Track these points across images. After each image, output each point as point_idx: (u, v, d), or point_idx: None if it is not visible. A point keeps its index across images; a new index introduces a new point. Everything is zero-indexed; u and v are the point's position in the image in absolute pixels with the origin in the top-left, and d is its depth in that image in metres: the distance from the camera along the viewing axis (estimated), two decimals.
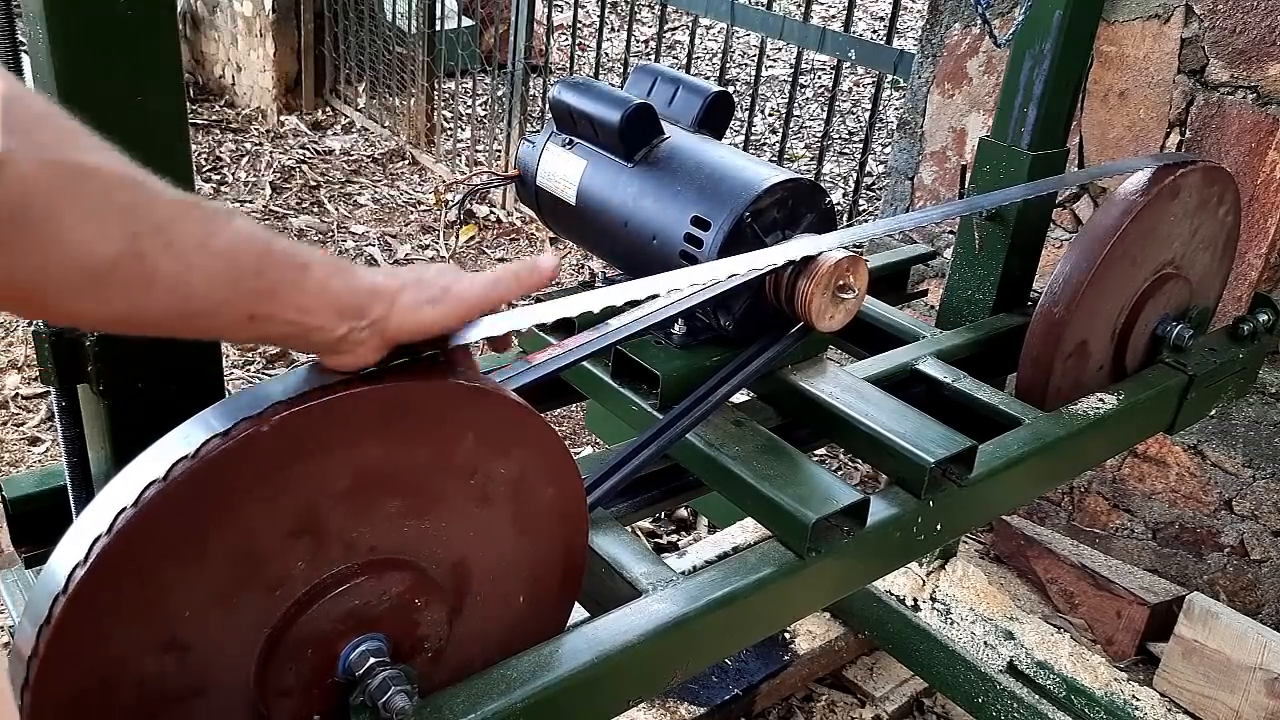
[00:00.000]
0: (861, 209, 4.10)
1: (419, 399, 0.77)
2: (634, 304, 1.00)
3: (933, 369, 1.42)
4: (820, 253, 1.13)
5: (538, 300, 0.98)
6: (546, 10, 4.17)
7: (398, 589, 0.81)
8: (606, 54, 5.81)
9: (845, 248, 1.15)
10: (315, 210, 4.23)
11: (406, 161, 4.80)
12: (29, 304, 0.63)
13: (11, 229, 0.57)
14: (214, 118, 5.08)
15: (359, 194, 4.43)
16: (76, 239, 0.60)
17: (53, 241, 0.59)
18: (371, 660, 0.80)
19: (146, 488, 0.67)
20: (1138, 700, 2.03)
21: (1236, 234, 1.67)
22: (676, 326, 1.21)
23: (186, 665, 0.73)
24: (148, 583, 0.69)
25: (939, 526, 1.20)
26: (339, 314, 0.71)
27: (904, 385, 1.40)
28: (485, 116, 4.83)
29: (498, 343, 0.87)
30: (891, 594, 2.23)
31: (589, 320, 1.01)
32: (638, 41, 6.44)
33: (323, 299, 0.70)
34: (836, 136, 5.39)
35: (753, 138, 4.33)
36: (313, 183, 4.46)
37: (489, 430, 0.82)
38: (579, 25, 4.58)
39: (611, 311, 0.98)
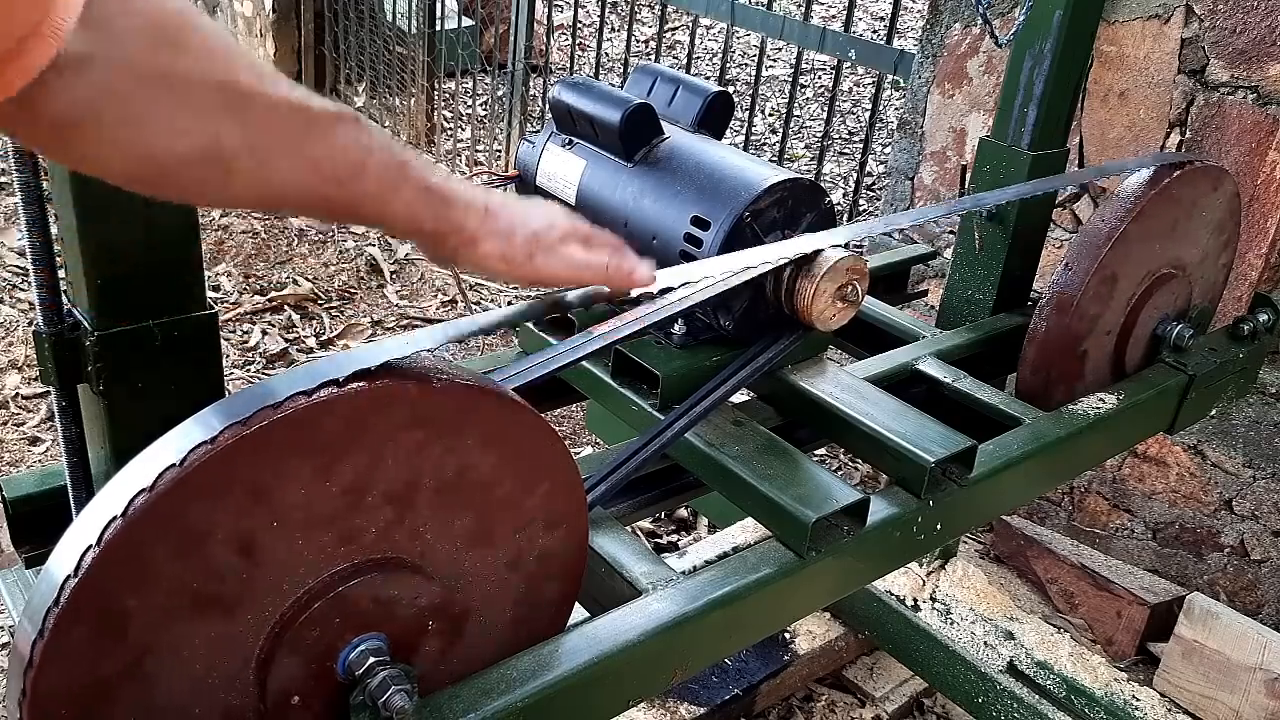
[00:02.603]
0: (861, 209, 4.10)
1: (417, 398, 0.77)
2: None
3: (933, 369, 1.42)
4: (820, 252, 1.13)
5: None
6: (546, 10, 4.17)
7: (398, 589, 0.81)
8: (606, 54, 5.81)
9: (845, 247, 1.15)
10: None
11: None
12: (123, 183, 0.68)
13: (85, 126, 0.61)
14: None
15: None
16: (149, 138, 0.64)
17: (124, 137, 0.63)
18: (371, 660, 0.80)
19: (137, 495, 0.67)
20: (1138, 700, 2.03)
21: (1236, 234, 1.67)
22: (676, 326, 1.21)
23: (184, 669, 0.73)
24: (140, 590, 0.69)
25: (939, 526, 1.20)
26: (417, 234, 0.78)
27: (904, 385, 1.40)
28: (485, 116, 4.83)
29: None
30: (891, 594, 2.23)
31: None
32: (638, 41, 6.44)
33: (403, 219, 0.76)
34: (836, 136, 5.39)
35: (753, 138, 4.33)
36: None
37: (489, 430, 0.82)
38: (579, 25, 4.58)
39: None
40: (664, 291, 1.02)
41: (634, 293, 0.96)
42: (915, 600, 2.23)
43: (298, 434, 0.72)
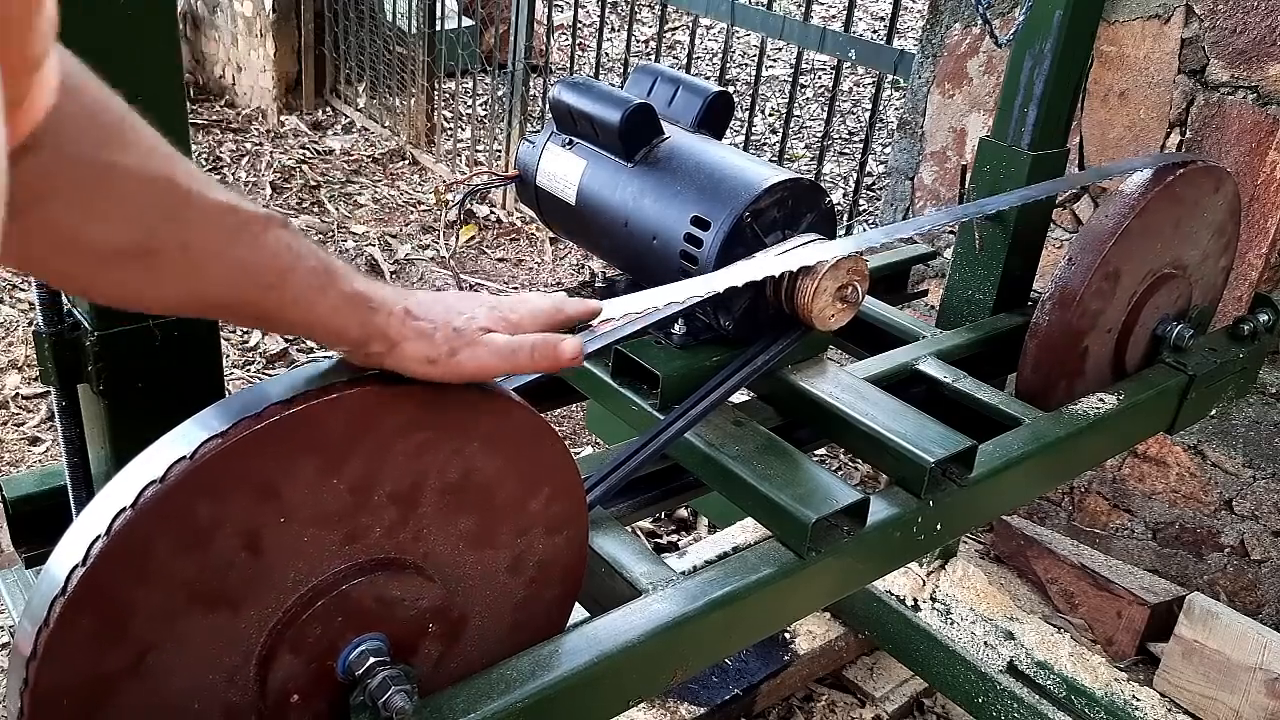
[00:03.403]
0: (862, 209, 4.10)
1: (417, 399, 0.77)
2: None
3: (933, 369, 1.42)
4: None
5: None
6: (546, 10, 4.17)
7: (399, 589, 0.81)
8: (606, 54, 5.81)
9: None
10: (315, 210, 4.23)
11: (406, 161, 4.80)
12: (44, 275, 0.70)
13: (29, 213, 0.61)
14: (214, 118, 5.08)
15: (359, 194, 4.43)
16: (89, 232, 0.64)
17: (58, 226, 0.63)
18: (371, 660, 0.80)
19: (147, 486, 0.67)
20: (1138, 700, 2.03)
21: (1236, 234, 1.67)
22: (676, 326, 1.21)
23: (186, 665, 0.73)
24: (146, 582, 0.69)
25: (939, 526, 1.20)
26: (340, 340, 0.77)
27: (904, 385, 1.40)
28: (485, 116, 4.83)
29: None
30: (891, 594, 2.23)
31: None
32: (638, 41, 6.44)
33: (327, 325, 0.75)
34: (836, 136, 5.39)
35: (753, 138, 4.33)
36: (313, 183, 4.46)
37: (489, 430, 0.82)
38: (579, 25, 4.58)
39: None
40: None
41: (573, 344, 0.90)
42: (915, 600, 2.23)
43: (309, 430, 0.72)
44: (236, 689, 0.76)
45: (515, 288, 3.83)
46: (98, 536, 0.67)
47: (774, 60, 6.36)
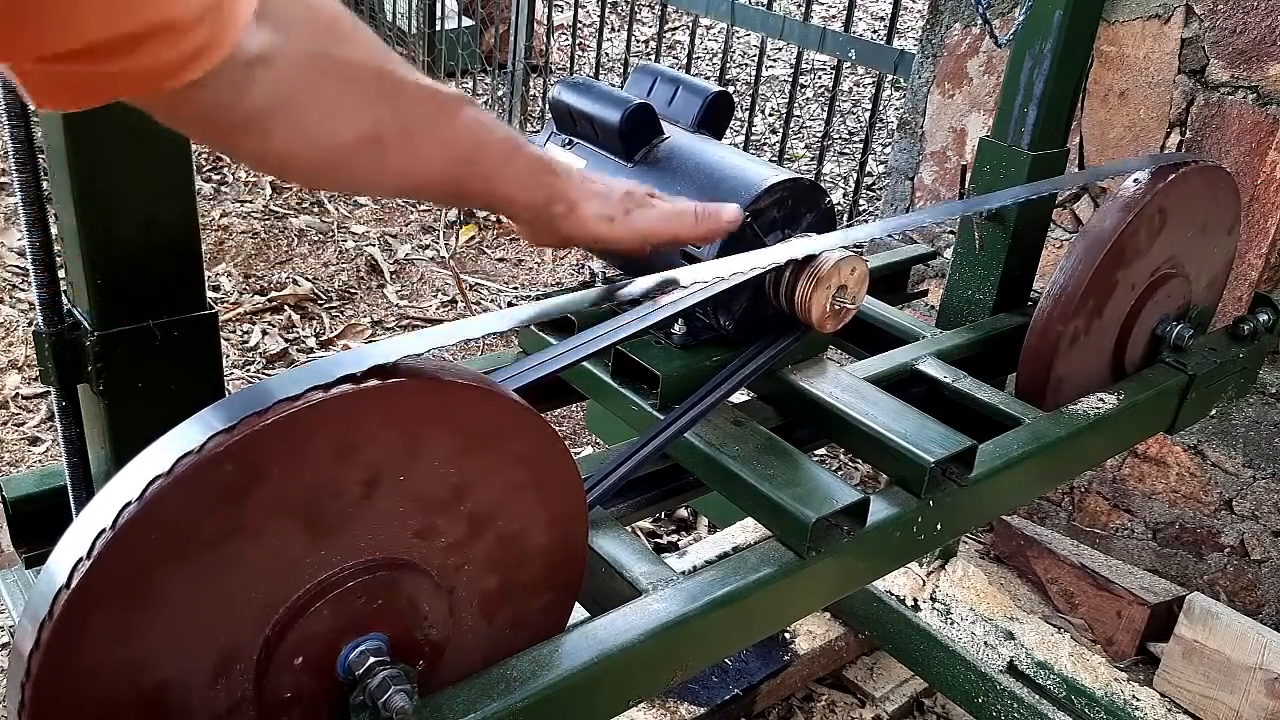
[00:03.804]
0: (862, 209, 4.10)
1: (416, 398, 0.77)
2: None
3: (933, 369, 1.42)
4: (820, 252, 1.13)
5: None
6: (546, 10, 4.17)
7: (398, 589, 0.81)
8: (606, 54, 5.81)
9: (845, 248, 1.15)
10: (315, 210, 4.23)
11: None
12: (281, 175, 0.74)
13: (270, 117, 0.65)
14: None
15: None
16: (324, 126, 0.69)
17: (303, 127, 0.68)
18: (371, 660, 0.80)
19: (150, 484, 0.67)
20: (1138, 700, 2.03)
21: (1237, 234, 1.67)
22: (676, 326, 1.21)
23: (185, 665, 0.73)
24: (147, 580, 0.69)
25: (939, 526, 1.20)
26: (527, 205, 0.84)
27: (904, 385, 1.40)
28: None
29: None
30: (891, 594, 2.23)
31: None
32: (638, 41, 6.44)
33: (516, 192, 0.83)
34: (836, 136, 5.39)
35: (753, 138, 4.33)
36: None
37: (489, 429, 0.82)
38: (579, 25, 4.58)
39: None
40: (664, 289, 1.02)
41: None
42: (915, 600, 2.23)
43: (334, 424, 0.73)
44: (237, 680, 0.76)
45: (515, 288, 3.83)
46: (101, 530, 0.67)
47: (774, 60, 6.36)
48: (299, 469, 0.72)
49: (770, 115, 5.74)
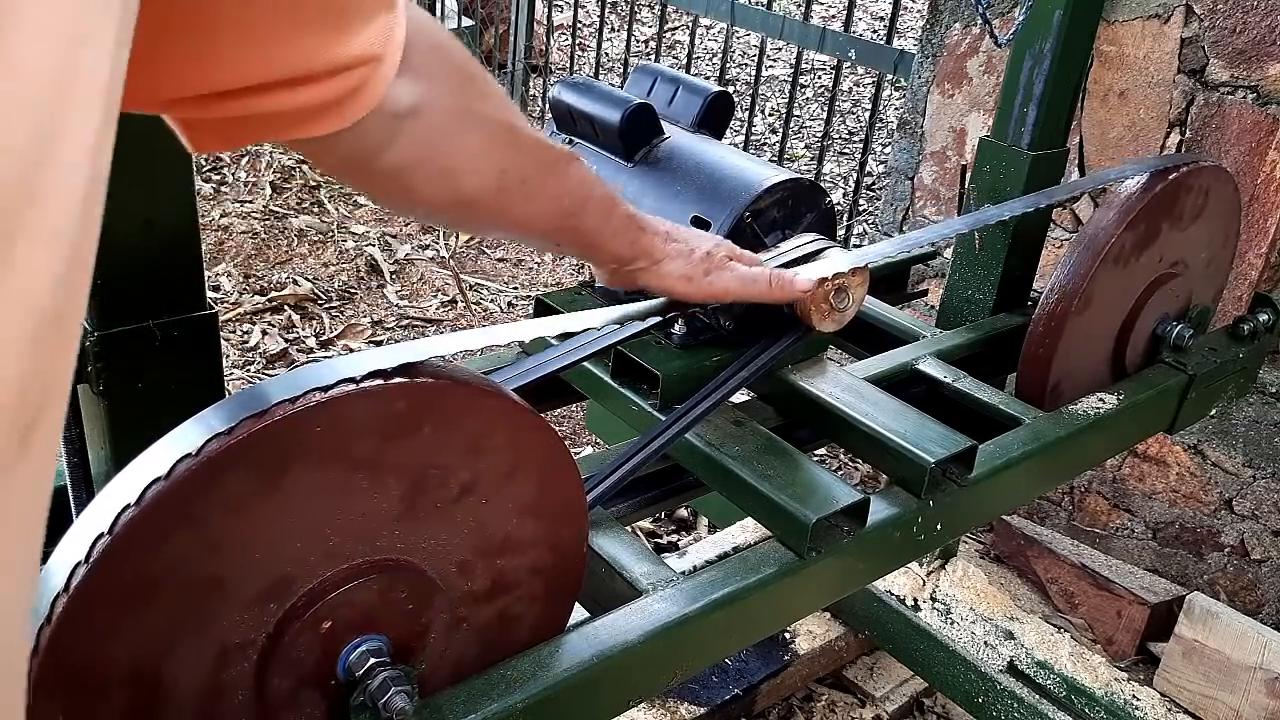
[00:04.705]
0: (861, 209, 4.10)
1: (417, 399, 0.77)
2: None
3: (933, 369, 1.42)
4: (821, 252, 1.13)
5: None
6: (546, 10, 4.17)
7: (397, 589, 0.81)
8: (606, 54, 5.81)
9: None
10: (315, 210, 4.23)
11: None
12: (414, 214, 0.79)
13: (414, 167, 0.69)
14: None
15: (359, 194, 4.43)
16: (463, 177, 0.73)
17: (444, 177, 0.72)
18: (371, 661, 0.80)
19: (149, 486, 0.67)
20: (1138, 700, 2.03)
21: (1236, 234, 1.67)
22: (676, 326, 1.21)
23: (184, 665, 0.73)
24: (147, 580, 0.69)
25: (939, 526, 1.20)
26: (614, 258, 0.90)
27: (904, 385, 1.40)
28: None
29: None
30: (891, 594, 2.23)
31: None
32: (638, 41, 6.44)
33: (608, 245, 0.88)
34: (836, 136, 5.39)
35: (753, 138, 4.33)
36: (313, 183, 4.46)
37: (488, 429, 0.82)
38: (579, 25, 4.58)
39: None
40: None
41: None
42: (915, 600, 2.23)
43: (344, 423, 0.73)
44: (236, 689, 0.76)
45: (515, 288, 3.83)
46: (100, 534, 0.67)
47: (774, 60, 6.36)
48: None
49: (770, 115, 5.74)
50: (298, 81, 0.56)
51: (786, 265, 1.12)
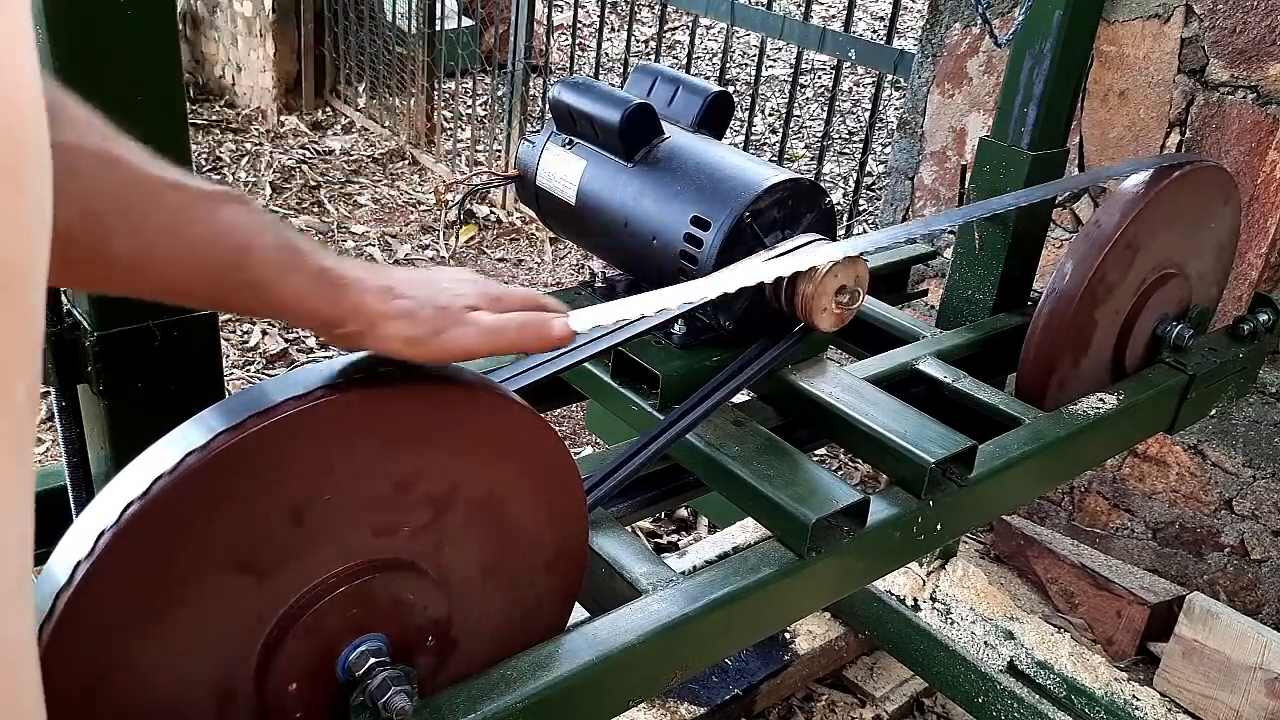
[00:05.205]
0: (861, 209, 4.10)
1: (416, 399, 0.77)
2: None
3: (933, 369, 1.42)
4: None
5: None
6: (546, 10, 4.17)
7: (397, 589, 0.81)
8: (606, 54, 5.81)
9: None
10: (315, 210, 4.23)
11: (406, 161, 4.80)
12: None
13: None
14: (214, 118, 5.08)
15: (359, 194, 4.43)
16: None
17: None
18: (371, 660, 0.79)
19: (154, 482, 0.67)
20: (1138, 700, 2.03)
21: (1236, 234, 1.67)
22: (677, 326, 1.21)
23: (184, 670, 0.73)
24: (146, 581, 0.69)
25: (939, 526, 1.20)
26: (311, 320, 0.73)
27: (904, 385, 1.40)
28: (485, 116, 4.83)
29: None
30: (891, 594, 2.23)
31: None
32: (638, 41, 6.44)
33: (296, 305, 0.72)
34: (836, 136, 5.39)
35: (753, 138, 4.33)
36: (313, 183, 4.46)
37: (488, 429, 0.82)
38: (579, 25, 4.58)
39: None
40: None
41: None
42: (915, 600, 2.23)
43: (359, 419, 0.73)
44: (237, 690, 0.76)
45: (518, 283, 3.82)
46: (103, 530, 0.67)
47: (774, 60, 6.36)
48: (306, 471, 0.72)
49: (770, 115, 5.74)
50: None
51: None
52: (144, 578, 0.69)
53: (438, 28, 4.56)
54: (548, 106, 1.82)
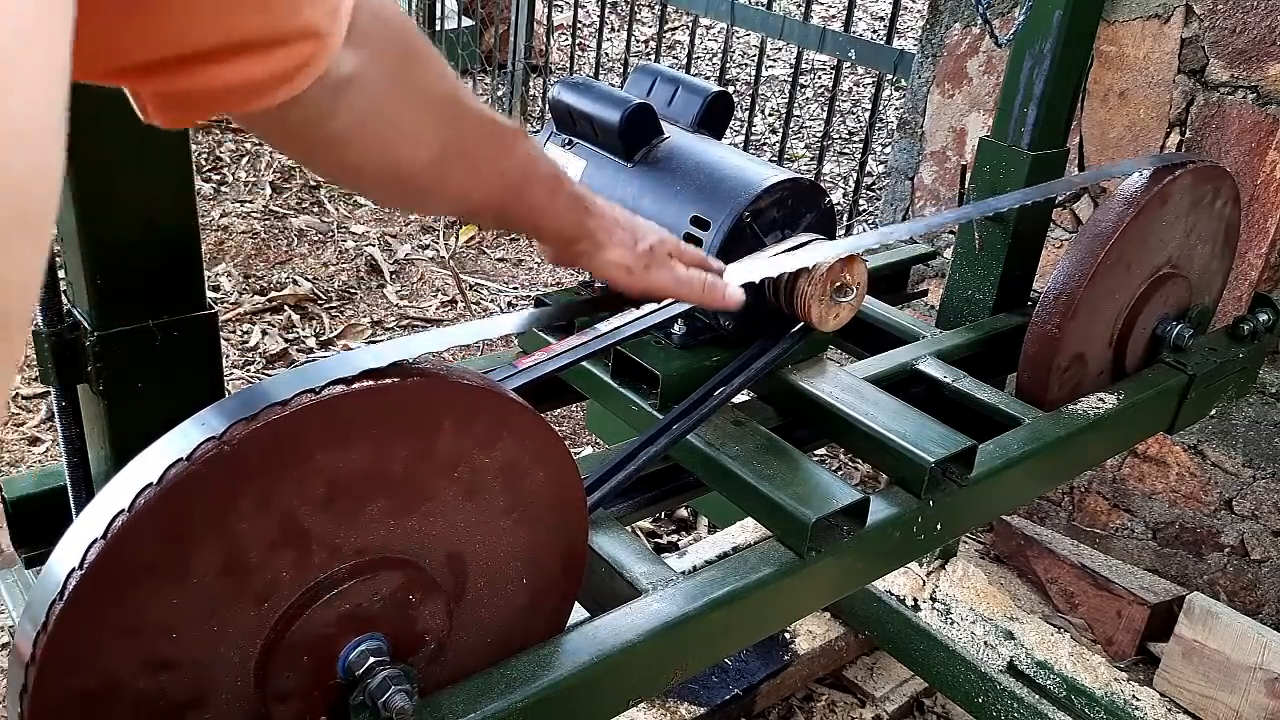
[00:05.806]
0: (861, 209, 4.10)
1: (413, 399, 0.77)
2: None
3: (933, 369, 1.42)
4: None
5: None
6: (546, 10, 4.17)
7: (396, 588, 0.81)
8: (606, 54, 5.81)
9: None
10: (315, 210, 4.23)
11: None
12: (353, 187, 0.78)
13: (350, 137, 0.68)
14: (214, 118, 5.07)
15: (357, 196, 4.43)
16: (399, 148, 0.72)
17: (380, 148, 0.71)
18: (371, 660, 0.79)
19: (140, 492, 0.67)
20: (1138, 700, 2.03)
21: (1236, 234, 1.67)
22: (676, 326, 1.21)
23: (184, 670, 0.73)
24: (144, 584, 0.69)
25: (939, 526, 1.20)
26: (557, 237, 0.88)
27: (904, 385, 1.40)
28: None
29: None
30: (891, 594, 2.23)
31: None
32: (638, 41, 6.44)
33: (552, 223, 0.87)
34: (836, 136, 5.39)
35: (753, 138, 4.33)
36: (313, 183, 4.46)
37: (487, 429, 0.82)
38: (579, 25, 4.58)
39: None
40: None
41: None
42: (915, 600, 2.23)
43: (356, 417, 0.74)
44: (236, 693, 0.76)
45: (515, 288, 3.82)
46: (95, 539, 0.67)
47: (774, 60, 6.36)
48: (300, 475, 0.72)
49: (770, 115, 5.74)
50: (246, 50, 0.55)
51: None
52: (144, 577, 0.69)
53: (438, 28, 4.56)
54: (548, 106, 1.82)
